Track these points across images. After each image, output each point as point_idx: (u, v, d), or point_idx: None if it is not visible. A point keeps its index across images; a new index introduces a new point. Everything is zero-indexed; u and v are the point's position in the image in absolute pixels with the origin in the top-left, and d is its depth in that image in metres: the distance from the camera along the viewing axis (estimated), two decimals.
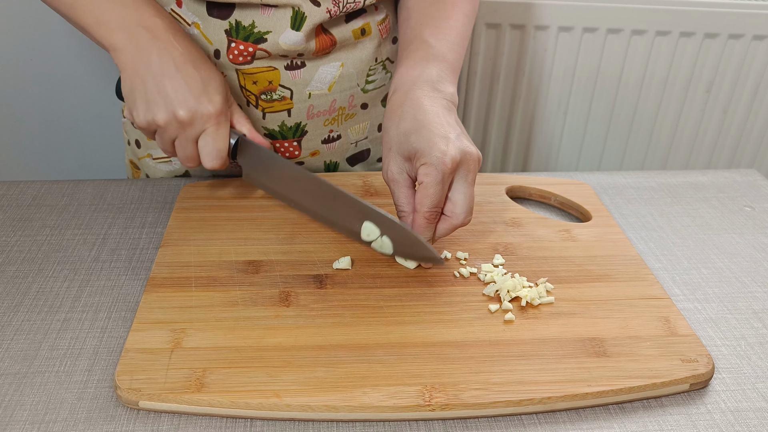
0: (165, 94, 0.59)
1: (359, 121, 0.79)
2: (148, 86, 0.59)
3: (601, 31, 1.25)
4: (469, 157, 0.56)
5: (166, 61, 0.59)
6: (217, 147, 0.61)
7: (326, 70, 0.72)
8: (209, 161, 0.62)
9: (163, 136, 0.61)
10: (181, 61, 0.60)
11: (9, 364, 0.50)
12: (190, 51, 0.62)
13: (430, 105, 0.59)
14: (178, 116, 0.59)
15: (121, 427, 0.46)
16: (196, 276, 0.57)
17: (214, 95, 0.61)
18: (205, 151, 0.61)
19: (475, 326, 0.53)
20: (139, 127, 0.62)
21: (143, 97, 0.60)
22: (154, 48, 0.60)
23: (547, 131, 1.38)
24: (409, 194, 0.59)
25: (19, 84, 1.22)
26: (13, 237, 0.64)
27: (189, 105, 0.59)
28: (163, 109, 0.59)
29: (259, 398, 0.46)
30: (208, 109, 0.60)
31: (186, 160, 0.63)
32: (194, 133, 0.61)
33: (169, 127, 0.60)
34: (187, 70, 0.60)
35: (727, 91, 1.34)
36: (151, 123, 0.60)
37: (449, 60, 0.64)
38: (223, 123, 0.62)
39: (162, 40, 0.60)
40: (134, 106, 0.61)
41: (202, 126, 0.60)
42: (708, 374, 0.51)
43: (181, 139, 0.61)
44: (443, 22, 0.67)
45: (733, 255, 0.67)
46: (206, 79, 0.61)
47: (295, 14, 0.67)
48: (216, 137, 0.61)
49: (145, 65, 0.59)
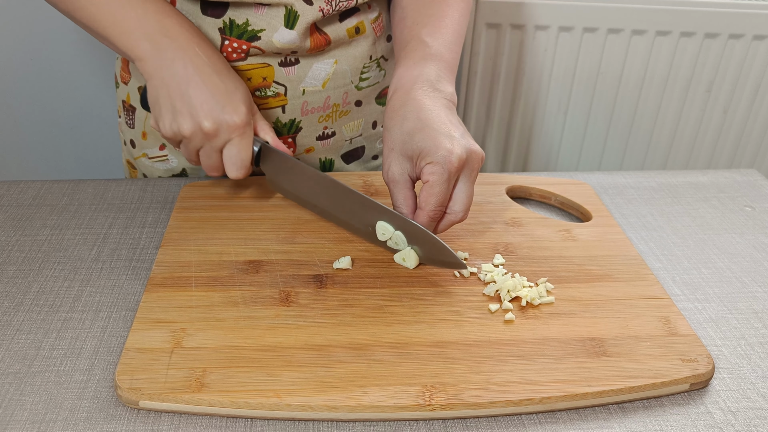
0: (191, 105, 0.60)
1: (353, 118, 0.79)
2: (174, 96, 0.60)
3: (601, 31, 1.25)
4: (474, 156, 0.57)
5: (191, 71, 0.60)
6: (241, 157, 0.62)
7: (320, 67, 0.72)
8: (233, 171, 0.62)
9: (188, 146, 0.62)
10: (207, 71, 0.61)
11: (9, 364, 0.50)
12: (214, 60, 0.62)
13: (431, 105, 0.59)
14: (204, 127, 0.60)
15: (121, 426, 0.46)
16: (196, 276, 0.57)
17: (239, 105, 0.61)
18: (230, 162, 0.62)
19: (476, 326, 0.53)
20: (164, 136, 0.62)
21: (169, 108, 0.60)
22: (179, 57, 0.60)
23: (548, 131, 1.38)
24: (408, 195, 0.59)
25: (19, 84, 1.22)
26: (13, 237, 0.64)
27: (215, 116, 0.60)
28: (188, 120, 0.60)
29: (259, 398, 0.46)
30: (234, 120, 0.60)
31: (210, 170, 0.64)
32: (220, 144, 0.62)
33: (194, 138, 0.61)
34: (213, 80, 0.61)
35: (727, 91, 1.34)
36: (177, 133, 0.61)
37: (447, 59, 0.65)
38: (248, 133, 0.62)
39: (186, 50, 0.61)
40: (160, 116, 0.61)
41: (228, 137, 0.61)
42: (708, 374, 0.51)
43: (206, 148, 0.62)
44: (439, 21, 0.67)
45: (734, 255, 0.67)
46: (231, 89, 0.62)
47: (288, 13, 0.67)
48: (240, 147, 0.62)
49: (170, 75, 0.60)
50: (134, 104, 0.78)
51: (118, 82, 0.80)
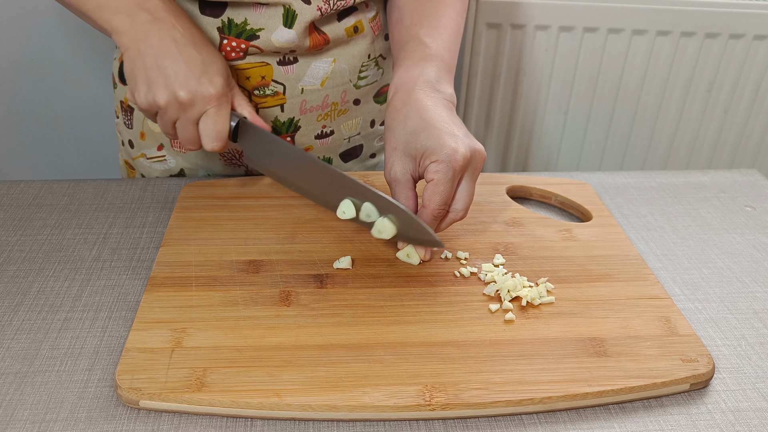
0: (166, 75, 0.59)
1: (352, 117, 0.79)
2: (149, 67, 0.59)
3: (601, 30, 1.25)
4: (478, 155, 0.57)
5: (167, 42, 0.60)
6: (217, 129, 0.61)
7: (318, 66, 0.72)
8: (209, 143, 0.62)
9: (164, 117, 0.61)
10: (183, 42, 0.60)
11: (10, 364, 0.50)
12: (191, 32, 0.62)
13: (433, 105, 0.59)
14: (179, 97, 0.59)
15: (121, 426, 0.46)
16: (196, 275, 0.57)
17: (215, 76, 0.61)
18: (206, 133, 0.61)
19: (476, 326, 0.53)
20: (140, 108, 0.62)
21: (144, 78, 0.60)
22: (155, 29, 0.60)
23: (548, 131, 1.38)
24: (410, 195, 0.59)
25: (20, 84, 1.22)
26: (13, 236, 0.64)
27: (190, 86, 0.59)
28: (163, 90, 0.59)
29: (259, 398, 0.46)
30: (209, 90, 0.60)
31: (186, 142, 0.63)
32: (195, 115, 0.61)
33: (169, 108, 0.60)
34: (188, 51, 0.60)
35: (727, 91, 1.34)
36: (152, 104, 0.60)
37: (446, 60, 0.65)
38: (224, 105, 0.62)
39: (163, 21, 0.60)
40: (135, 87, 0.61)
41: (203, 107, 0.60)
42: (708, 374, 0.51)
43: (182, 120, 0.61)
44: (437, 21, 0.67)
45: (734, 255, 0.67)
46: (207, 60, 0.61)
47: (286, 12, 0.67)
48: (216, 119, 0.61)
49: (146, 46, 0.59)
50: (132, 105, 0.78)
51: (115, 83, 0.80)
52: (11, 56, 1.19)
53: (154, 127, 0.77)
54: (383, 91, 0.81)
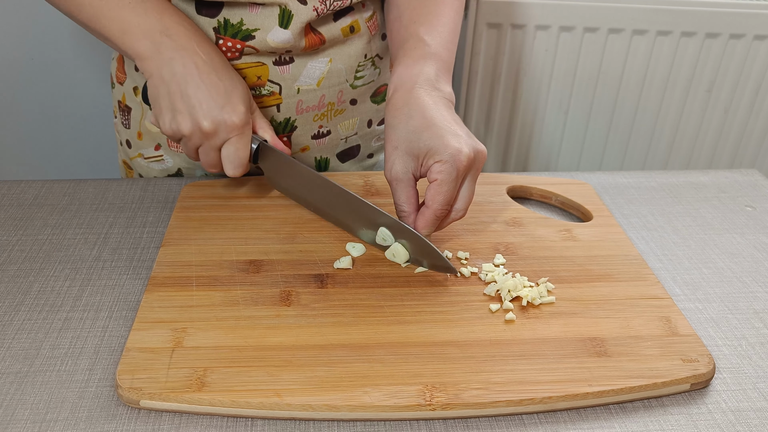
0: (190, 105, 0.60)
1: (348, 117, 0.79)
2: (173, 95, 0.61)
3: (602, 30, 1.25)
4: (480, 155, 0.57)
5: (190, 70, 0.61)
6: (239, 156, 0.63)
7: (315, 66, 0.72)
8: (231, 170, 0.63)
9: (188, 144, 0.63)
10: (205, 70, 0.61)
11: (10, 363, 0.50)
12: (213, 59, 0.63)
13: (434, 104, 0.59)
14: (203, 127, 0.60)
15: (122, 426, 0.46)
16: (197, 275, 0.58)
17: (238, 105, 0.62)
18: (228, 160, 0.63)
19: (476, 326, 0.53)
20: (164, 133, 0.63)
21: (168, 106, 0.61)
22: (178, 56, 0.61)
23: (548, 131, 1.38)
24: (411, 194, 0.59)
25: (20, 84, 1.22)
26: (14, 236, 0.64)
27: (213, 116, 0.60)
28: (188, 119, 0.60)
29: (259, 398, 0.46)
30: (233, 119, 0.61)
31: (209, 167, 0.64)
32: (218, 143, 0.62)
33: (193, 137, 0.62)
34: (211, 80, 0.61)
35: (728, 90, 1.34)
36: (176, 132, 0.62)
37: (444, 58, 0.65)
38: (246, 132, 0.63)
39: (186, 48, 0.61)
40: (160, 114, 0.62)
41: (226, 136, 0.62)
42: (709, 374, 0.51)
43: (205, 147, 0.63)
44: (436, 19, 0.68)
45: (734, 255, 0.67)
46: (229, 88, 0.62)
47: (282, 12, 0.67)
48: (239, 146, 0.62)
49: (170, 73, 0.60)
50: (130, 104, 0.78)
51: (113, 83, 0.80)
52: (11, 56, 1.19)
53: (152, 127, 0.77)
54: (380, 90, 0.81)
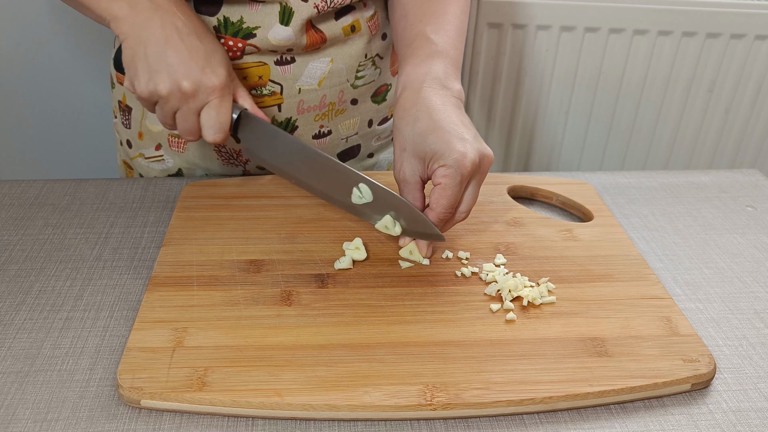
0: (168, 64, 0.58)
1: (349, 117, 0.79)
2: (151, 56, 0.58)
3: (603, 30, 1.25)
4: (486, 160, 0.57)
5: (170, 31, 0.59)
6: (220, 120, 0.61)
7: (316, 66, 0.72)
8: (211, 134, 0.61)
9: (164, 107, 0.61)
10: (185, 32, 0.59)
11: (11, 363, 0.50)
12: (193, 21, 0.61)
13: (442, 104, 0.59)
14: (182, 87, 0.59)
15: (122, 425, 0.46)
16: (197, 275, 0.58)
17: (218, 67, 0.60)
18: (208, 124, 0.61)
19: (477, 326, 0.53)
20: (139, 97, 0.61)
21: (145, 67, 0.59)
22: (157, 17, 0.59)
23: (549, 131, 1.38)
24: (418, 197, 0.59)
25: (21, 83, 1.22)
26: (15, 236, 0.64)
27: (193, 76, 0.59)
28: (166, 79, 0.58)
29: (260, 397, 0.46)
30: (213, 81, 0.59)
31: (186, 133, 0.62)
32: (197, 105, 0.60)
33: (171, 98, 0.59)
34: (191, 41, 0.59)
35: (729, 90, 1.34)
36: (153, 93, 0.59)
37: (452, 56, 0.64)
38: (227, 96, 0.61)
39: (164, 9, 0.59)
40: (136, 76, 0.60)
41: (206, 98, 0.60)
42: (709, 374, 0.50)
43: (183, 110, 0.60)
44: (442, 18, 0.67)
45: (735, 255, 0.67)
46: (210, 51, 0.60)
47: (282, 9, 0.67)
48: (219, 110, 0.60)
49: (148, 34, 0.58)
50: (130, 104, 0.78)
51: (113, 83, 0.80)
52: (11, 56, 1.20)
53: (152, 127, 0.77)
54: (381, 90, 0.81)
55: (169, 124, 0.63)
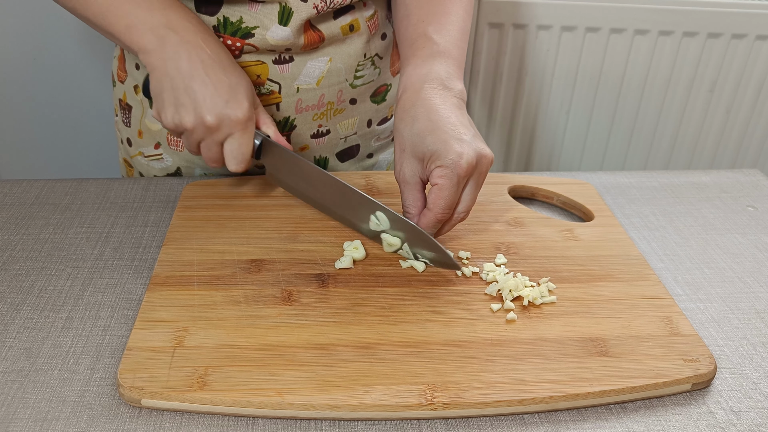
0: (194, 99, 0.60)
1: (348, 117, 0.79)
2: (177, 89, 0.60)
3: (604, 30, 1.25)
4: (484, 160, 0.57)
5: (196, 65, 0.60)
6: (242, 151, 0.62)
7: (314, 65, 0.72)
8: (234, 165, 0.63)
9: (189, 138, 0.63)
10: (210, 65, 0.61)
11: (12, 362, 0.50)
12: (218, 54, 0.63)
13: (442, 104, 0.59)
14: (206, 121, 0.60)
15: (123, 425, 0.46)
16: (198, 275, 0.58)
17: (242, 100, 0.61)
18: (231, 155, 0.63)
19: (477, 325, 0.53)
20: (166, 127, 0.63)
21: (171, 100, 0.61)
22: (184, 50, 0.61)
23: (550, 131, 1.38)
24: (418, 197, 0.59)
25: (22, 83, 1.23)
26: (16, 235, 0.64)
27: (217, 111, 0.60)
28: (191, 113, 0.60)
29: (261, 397, 0.46)
30: (237, 114, 0.61)
31: (210, 162, 0.64)
32: (221, 138, 0.62)
33: (196, 131, 0.61)
34: (216, 75, 0.61)
35: (730, 91, 1.34)
36: (179, 126, 0.61)
37: (455, 56, 0.64)
38: (249, 127, 0.63)
39: (191, 43, 0.61)
40: (162, 108, 0.62)
41: (229, 131, 0.62)
42: (710, 374, 0.50)
43: (207, 141, 0.62)
44: (445, 18, 0.67)
45: (736, 255, 0.67)
46: (234, 84, 0.62)
47: (282, 9, 0.67)
48: (242, 142, 0.62)
49: (175, 68, 0.60)
50: (131, 103, 0.78)
51: (114, 81, 0.80)
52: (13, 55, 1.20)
53: (152, 126, 0.77)
54: (380, 90, 0.81)
55: (194, 152, 0.65)
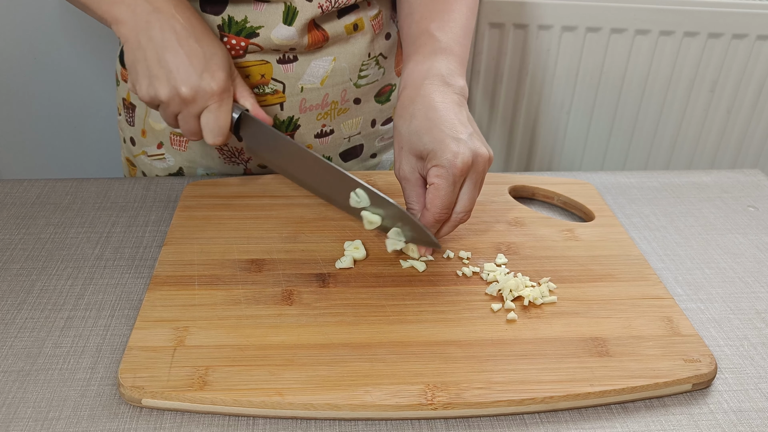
0: (167, 70, 0.59)
1: (352, 116, 0.79)
2: (150, 61, 0.59)
3: (604, 30, 1.25)
4: (480, 159, 0.56)
5: (168, 35, 0.59)
6: (219, 124, 0.61)
7: (318, 65, 0.72)
8: (211, 138, 0.62)
9: (166, 110, 0.62)
10: (184, 35, 0.60)
11: (13, 362, 0.51)
12: (192, 24, 0.61)
13: (441, 101, 0.58)
14: (181, 93, 0.59)
15: (123, 424, 0.46)
16: (199, 274, 0.58)
17: (217, 71, 0.60)
18: (207, 128, 0.61)
19: (478, 325, 0.53)
20: (141, 100, 0.61)
21: (145, 72, 0.59)
22: (156, 21, 0.59)
23: (551, 131, 1.38)
24: (420, 193, 0.59)
25: (23, 83, 1.23)
26: (17, 235, 0.64)
27: (192, 82, 0.59)
28: (165, 85, 0.59)
29: (261, 396, 0.46)
30: (211, 86, 0.60)
31: (189, 134, 0.63)
32: (197, 110, 0.61)
33: (171, 103, 0.60)
34: (190, 45, 0.60)
35: (730, 91, 1.34)
36: (154, 98, 0.60)
37: (457, 53, 0.64)
38: (226, 99, 0.61)
39: (164, 13, 0.60)
40: (137, 80, 0.60)
41: (205, 103, 0.60)
42: (711, 374, 0.50)
43: (184, 114, 0.61)
44: (448, 15, 0.67)
45: (737, 255, 0.67)
46: (209, 54, 0.61)
47: (287, 9, 0.67)
48: (218, 114, 0.61)
49: (147, 38, 0.59)
50: (134, 102, 0.78)
51: (118, 80, 0.80)
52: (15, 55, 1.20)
53: (155, 125, 0.77)
54: (384, 90, 0.81)
55: (171, 124, 0.64)
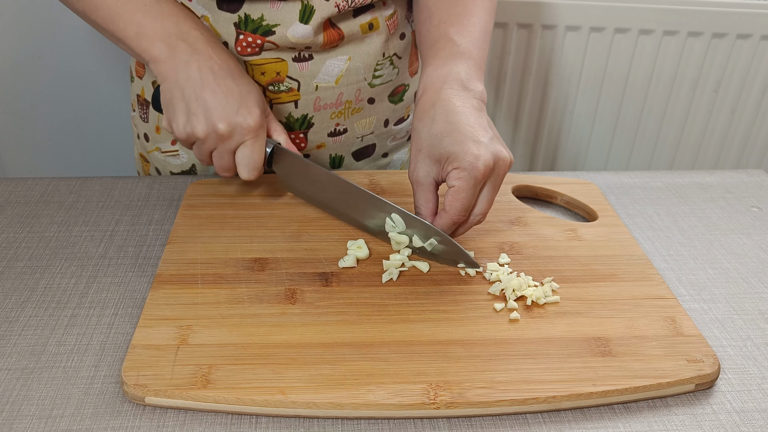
0: (205, 107, 0.60)
1: (366, 116, 0.79)
2: (188, 99, 0.61)
3: (608, 30, 1.25)
4: (501, 162, 0.57)
5: (206, 75, 0.61)
6: (254, 159, 0.63)
7: (333, 63, 0.72)
8: (246, 172, 0.63)
9: (201, 147, 0.63)
10: (221, 74, 0.61)
11: (17, 360, 0.51)
12: (228, 64, 0.63)
13: (461, 105, 0.59)
14: (218, 130, 0.60)
15: (127, 422, 0.46)
16: (202, 273, 0.58)
17: (253, 108, 0.62)
18: (243, 163, 0.63)
19: (481, 325, 0.53)
20: (177, 137, 0.63)
21: (183, 110, 0.61)
22: (194, 60, 0.61)
23: (554, 130, 1.38)
24: (430, 198, 0.59)
25: (28, 81, 1.23)
26: (21, 233, 0.65)
27: (229, 119, 0.60)
28: (203, 122, 0.61)
29: (264, 395, 0.46)
30: (248, 122, 0.61)
31: (222, 170, 0.65)
32: (233, 146, 0.62)
33: (208, 140, 0.62)
34: (227, 84, 0.61)
35: (734, 91, 1.34)
36: (191, 135, 0.62)
37: (476, 57, 0.64)
38: (261, 135, 0.63)
39: (201, 53, 0.62)
40: (173, 118, 0.62)
41: (241, 139, 0.62)
42: (714, 375, 0.50)
43: (219, 150, 0.63)
44: (467, 19, 0.67)
45: (740, 255, 0.67)
46: (245, 92, 0.62)
47: (303, 8, 0.67)
48: (254, 149, 0.63)
49: (186, 77, 0.61)
50: (149, 98, 0.78)
51: (132, 76, 0.80)
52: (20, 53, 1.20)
53: None
54: (398, 90, 0.81)
55: (205, 161, 0.65)
